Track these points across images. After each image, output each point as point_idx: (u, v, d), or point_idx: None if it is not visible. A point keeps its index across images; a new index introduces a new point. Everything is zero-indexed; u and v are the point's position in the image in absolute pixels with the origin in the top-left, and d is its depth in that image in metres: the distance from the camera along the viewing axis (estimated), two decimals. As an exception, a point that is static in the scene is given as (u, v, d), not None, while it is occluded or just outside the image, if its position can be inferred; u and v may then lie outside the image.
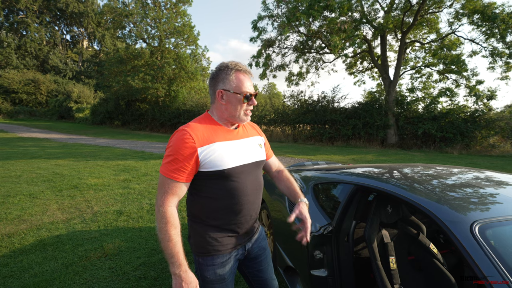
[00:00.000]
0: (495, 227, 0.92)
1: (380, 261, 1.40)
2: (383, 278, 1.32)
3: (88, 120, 25.45)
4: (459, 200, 1.11)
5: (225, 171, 1.01)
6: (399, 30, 13.08)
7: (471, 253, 0.84)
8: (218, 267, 1.06)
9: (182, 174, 0.98)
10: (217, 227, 1.06)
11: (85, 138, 14.38)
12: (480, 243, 0.85)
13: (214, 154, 1.00)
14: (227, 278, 1.08)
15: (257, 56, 12.40)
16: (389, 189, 1.31)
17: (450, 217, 0.97)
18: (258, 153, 1.16)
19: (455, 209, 1.01)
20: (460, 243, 0.88)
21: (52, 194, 4.32)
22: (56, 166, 6.56)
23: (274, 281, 1.28)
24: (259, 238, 1.23)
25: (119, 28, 21.79)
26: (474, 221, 0.91)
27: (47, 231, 2.99)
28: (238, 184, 1.04)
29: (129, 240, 2.81)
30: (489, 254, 0.82)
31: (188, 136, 0.98)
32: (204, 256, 1.06)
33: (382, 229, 1.51)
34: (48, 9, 39.86)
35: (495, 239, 0.89)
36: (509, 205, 1.05)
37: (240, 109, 1.07)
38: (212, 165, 1.00)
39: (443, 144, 11.69)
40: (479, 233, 0.88)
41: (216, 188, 1.03)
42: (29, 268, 2.25)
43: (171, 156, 0.98)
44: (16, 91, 29.97)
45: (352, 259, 1.55)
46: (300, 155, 9.62)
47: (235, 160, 1.04)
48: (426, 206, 1.06)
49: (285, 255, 1.90)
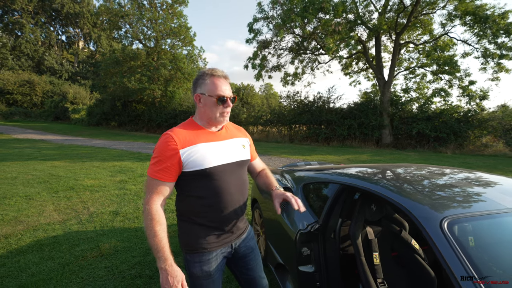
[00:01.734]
0: (462, 222, 1.00)
1: (364, 256, 1.47)
2: (366, 273, 1.40)
3: (84, 121, 25.31)
4: (432, 198, 1.18)
5: (207, 170, 1.08)
6: (393, 31, 13.24)
7: (439, 246, 0.92)
8: (204, 264, 1.12)
9: (166, 174, 1.05)
10: (203, 225, 1.12)
11: (81, 139, 14.33)
12: (447, 237, 0.92)
13: (196, 154, 1.07)
14: (214, 275, 1.14)
15: (253, 58, 12.47)
16: (370, 188, 1.39)
17: (423, 214, 1.04)
18: (241, 153, 1.22)
19: (427, 206, 1.09)
20: (430, 238, 0.95)
21: (48, 196, 4.35)
22: (52, 168, 6.56)
23: (263, 280, 1.35)
24: (247, 237, 1.29)
25: (115, 29, 21.71)
26: (444, 217, 0.99)
27: (44, 231, 3.03)
28: (221, 182, 1.11)
29: (125, 240, 2.86)
30: (455, 248, 0.89)
31: (171, 139, 1.05)
32: (192, 253, 1.12)
33: (366, 227, 1.59)
34: (43, 9, 39.58)
35: (461, 233, 0.96)
36: (477, 202, 1.13)
37: (216, 111, 1.13)
38: (194, 165, 1.07)
39: (437, 144, 11.86)
40: (448, 228, 0.95)
41: (200, 187, 1.10)
42: (26, 268, 2.29)
43: (156, 158, 1.05)
44: (11, 92, 29.72)
45: (339, 255, 1.63)
46: (296, 156, 9.70)
47: (216, 160, 1.11)
48: (402, 203, 1.14)
49: (276, 253, 1.97)
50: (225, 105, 1.13)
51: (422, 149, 11.91)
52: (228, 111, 1.15)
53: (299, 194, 1.97)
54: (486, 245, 1.01)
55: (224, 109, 1.14)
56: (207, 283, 1.12)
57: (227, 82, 1.16)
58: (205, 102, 1.13)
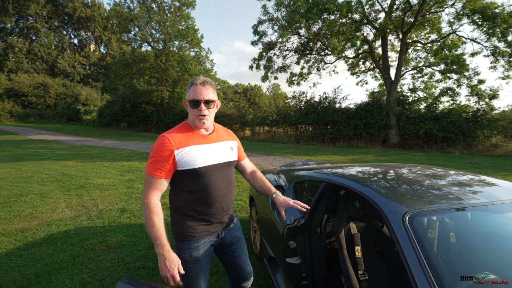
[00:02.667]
0: (422, 216, 1.10)
1: (346, 250, 1.58)
2: (347, 264, 1.51)
3: (95, 122, 26.01)
4: (400, 193, 1.28)
5: (198, 169, 1.22)
6: (400, 30, 13.12)
7: (399, 238, 1.02)
8: (193, 250, 1.26)
9: (162, 172, 1.19)
10: (193, 217, 1.27)
11: (92, 140, 14.80)
12: (407, 230, 1.03)
13: (189, 155, 1.21)
14: (202, 260, 1.28)
15: (258, 59, 12.58)
16: (348, 184, 1.50)
17: (389, 208, 1.15)
18: (229, 155, 1.36)
19: (394, 201, 1.19)
20: (393, 230, 1.06)
21: (61, 194, 4.60)
22: (65, 167, 6.87)
23: (248, 267, 1.48)
24: (233, 228, 1.43)
25: (125, 32, 22.25)
26: (406, 211, 1.09)
27: (57, 226, 3.25)
28: (210, 180, 1.25)
29: (131, 235, 3.04)
30: (412, 239, 0.99)
31: (167, 140, 1.19)
32: (182, 241, 1.26)
33: (350, 222, 1.69)
34: (57, 14, 40.87)
35: (421, 226, 1.06)
36: (441, 198, 1.22)
37: (192, 114, 1.26)
38: (187, 164, 1.21)
39: (444, 144, 11.69)
40: (409, 221, 1.06)
41: (192, 184, 1.24)
42: (41, 259, 2.49)
43: (153, 157, 1.19)
44: (26, 94, 30.82)
45: (324, 249, 1.74)
46: (301, 156, 9.76)
47: (206, 160, 1.25)
48: (373, 198, 1.24)
49: (268, 247, 2.09)
50: (198, 108, 1.23)
51: (430, 149, 11.76)
52: (203, 113, 1.23)
53: (290, 191, 2.08)
54: (445, 238, 1.11)
55: (198, 112, 1.23)
56: (195, 267, 1.26)
57: (206, 87, 1.24)
58: (187, 107, 1.28)
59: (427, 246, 0.99)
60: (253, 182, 1.54)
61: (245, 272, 1.46)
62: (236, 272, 1.45)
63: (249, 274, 1.49)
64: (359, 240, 1.64)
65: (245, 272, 1.46)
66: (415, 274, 0.91)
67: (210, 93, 1.25)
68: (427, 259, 0.93)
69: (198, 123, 1.26)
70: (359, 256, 1.60)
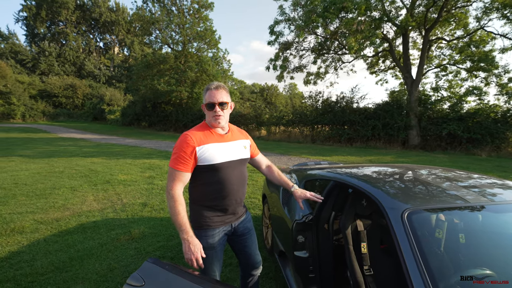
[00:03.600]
0: (421, 213, 1.15)
1: (352, 245, 1.65)
2: (352, 259, 1.58)
3: (118, 122, 27.30)
4: (402, 191, 1.34)
5: (215, 165, 1.36)
6: (422, 27, 12.64)
7: (397, 233, 1.09)
8: (209, 238, 1.40)
9: (185, 166, 1.33)
10: (209, 207, 1.41)
11: (116, 138, 15.58)
12: (405, 226, 1.09)
13: (208, 152, 1.35)
14: (216, 247, 1.42)
15: (275, 59, 12.64)
16: (353, 182, 1.57)
17: (390, 205, 1.21)
18: (243, 152, 1.50)
19: (395, 198, 1.26)
20: (391, 225, 1.13)
21: (88, 188, 4.97)
22: (91, 164, 7.35)
23: (257, 256, 1.60)
24: (244, 220, 1.56)
25: (146, 35, 23.14)
26: (405, 208, 1.16)
27: (86, 217, 3.55)
28: (225, 175, 1.39)
29: (152, 227, 3.27)
30: (409, 235, 1.05)
31: (190, 138, 1.34)
32: (199, 229, 1.41)
33: (357, 220, 1.76)
34: (84, 19, 43.26)
35: (418, 223, 1.12)
36: (442, 197, 1.27)
37: (209, 115, 1.41)
38: (206, 160, 1.35)
39: (470, 145, 11.13)
40: (407, 218, 1.12)
41: (209, 178, 1.38)
42: (73, 245, 2.77)
43: (177, 153, 1.34)
44: (57, 95, 32.97)
45: (332, 244, 1.81)
46: (316, 156, 9.72)
47: (223, 157, 1.39)
48: (375, 194, 1.31)
49: (279, 242, 2.20)
50: (214, 110, 1.38)
51: (453, 151, 11.25)
52: (218, 114, 1.38)
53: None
54: (442, 235, 1.16)
55: (214, 113, 1.38)
56: (211, 253, 1.40)
57: (219, 91, 1.39)
58: (205, 110, 1.43)
59: (424, 243, 1.05)
60: (270, 176, 1.69)
61: (255, 260, 1.58)
62: (247, 260, 1.57)
63: (258, 263, 1.61)
64: (365, 237, 1.71)
65: (255, 260, 1.58)
66: (410, 268, 0.97)
67: (223, 96, 1.39)
68: (422, 255, 0.99)
69: (215, 123, 1.41)
70: (365, 252, 1.66)
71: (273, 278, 2.28)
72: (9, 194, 4.46)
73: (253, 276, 1.62)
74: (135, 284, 1.06)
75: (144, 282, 1.06)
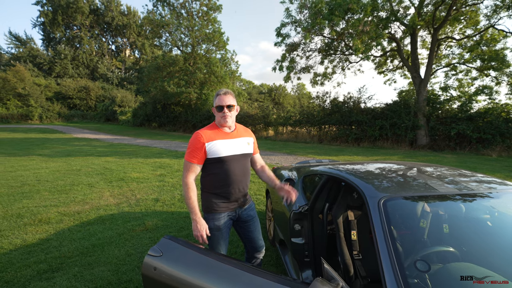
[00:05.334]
0: (394, 200, 1.34)
1: (343, 233, 1.85)
2: (342, 245, 1.78)
3: (129, 122, 28.06)
4: (382, 183, 1.53)
5: (222, 158, 1.61)
6: (430, 26, 12.54)
7: (373, 218, 1.28)
8: (216, 220, 1.64)
9: (197, 159, 1.60)
10: (216, 194, 1.65)
11: (127, 138, 16.11)
12: (380, 211, 1.28)
13: (215, 147, 1.60)
14: (222, 229, 1.66)
15: (281, 60, 12.80)
16: (342, 175, 1.76)
17: (370, 193, 1.40)
18: (246, 148, 1.74)
19: (375, 188, 1.44)
20: (369, 211, 1.32)
21: (104, 184, 5.30)
22: (106, 162, 7.74)
23: (260, 241, 1.82)
24: (248, 208, 1.79)
25: (157, 37, 23.73)
26: (382, 196, 1.34)
27: (104, 210, 3.85)
28: (230, 167, 1.63)
29: (164, 220, 3.53)
30: (383, 219, 1.24)
31: (200, 136, 1.61)
32: (208, 213, 1.65)
33: (348, 210, 1.95)
34: (97, 23, 44.59)
35: (391, 208, 1.30)
36: (415, 187, 1.45)
37: (218, 116, 1.66)
38: (214, 154, 1.60)
39: (480, 145, 10.98)
40: (382, 205, 1.31)
41: (216, 169, 1.63)
42: (94, 234, 3.06)
43: (190, 148, 1.61)
44: (71, 97, 34.17)
45: (326, 233, 2.01)
46: (322, 156, 9.83)
47: (228, 151, 1.63)
48: (359, 185, 1.50)
49: (279, 232, 2.41)
50: (222, 111, 1.64)
51: (463, 151, 11.13)
52: (226, 115, 1.64)
53: (299, 184, 2.38)
54: (412, 220, 1.34)
55: (222, 114, 1.64)
56: (217, 234, 1.64)
57: (227, 96, 1.66)
58: (214, 110, 1.68)
59: (395, 227, 1.24)
60: (260, 174, 1.90)
61: (258, 244, 1.81)
62: (251, 244, 1.81)
63: (261, 247, 1.83)
64: (355, 226, 1.90)
65: (258, 244, 1.81)
66: (381, 250, 1.14)
67: (230, 100, 1.66)
68: (392, 237, 1.17)
69: (223, 122, 1.66)
70: (355, 239, 1.86)
71: (274, 264, 2.48)
72: (33, 189, 4.84)
73: (257, 258, 1.85)
74: (155, 255, 1.30)
75: (162, 253, 1.29)
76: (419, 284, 1.03)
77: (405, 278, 0.98)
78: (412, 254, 1.19)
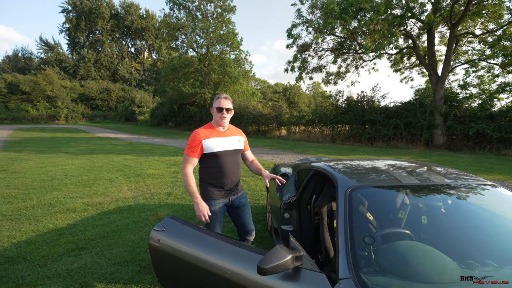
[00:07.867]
0: (360, 189, 1.53)
1: (326, 221, 2.05)
2: (324, 231, 1.98)
3: (147, 122, 29.21)
4: (356, 175, 1.72)
5: (216, 152, 1.87)
6: (448, 22, 12.15)
7: (338, 205, 1.48)
8: (211, 206, 1.90)
9: (194, 153, 1.86)
10: (212, 184, 1.92)
11: (145, 137, 16.88)
12: (346, 199, 1.47)
13: (210, 144, 1.87)
14: (218, 214, 1.92)
15: (293, 61, 12.91)
16: (323, 168, 1.96)
17: (343, 183, 1.60)
18: (237, 144, 2.00)
19: (348, 179, 1.64)
20: (338, 198, 1.52)
21: (123, 180, 5.76)
22: (125, 160, 8.29)
23: (250, 225, 2.07)
24: (240, 196, 2.04)
25: (173, 39, 24.52)
26: (350, 186, 1.54)
27: (122, 202, 4.25)
28: (223, 160, 1.89)
29: (175, 211, 3.87)
30: (346, 206, 1.43)
31: (198, 134, 1.87)
32: (205, 200, 1.90)
33: (333, 201, 2.15)
34: (118, 27, 46.60)
35: (355, 196, 1.49)
36: (382, 179, 1.63)
37: (217, 116, 1.92)
38: (209, 149, 1.87)
39: (501, 145, 10.53)
40: (349, 194, 1.50)
41: (211, 162, 1.89)
42: (114, 222, 3.44)
43: (189, 144, 1.88)
44: (94, 98, 36.07)
45: (313, 222, 2.22)
46: (333, 156, 9.88)
47: (221, 147, 1.89)
48: (336, 177, 1.71)
49: (274, 221, 2.64)
50: (221, 113, 1.90)
51: (482, 151, 10.72)
52: (224, 116, 1.90)
53: (292, 178, 2.60)
54: (377, 207, 1.53)
55: (221, 115, 1.90)
56: (214, 217, 1.90)
57: (227, 100, 1.92)
58: (213, 111, 1.94)
59: (356, 211, 1.43)
60: (250, 166, 2.17)
61: (249, 228, 2.06)
62: (242, 228, 2.06)
63: (251, 231, 2.08)
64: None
65: (249, 228, 2.06)
66: (340, 234, 1.32)
67: (229, 104, 1.94)
68: (351, 219, 1.35)
69: (220, 122, 1.93)
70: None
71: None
72: (61, 183, 5.37)
73: (248, 240, 2.09)
74: (159, 230, 1.58)
75: (165, 228, 1.58)
76: (364, 255, 1.23)
77: (354, 248, 1.19)
78: (367, 233, 1.39)
